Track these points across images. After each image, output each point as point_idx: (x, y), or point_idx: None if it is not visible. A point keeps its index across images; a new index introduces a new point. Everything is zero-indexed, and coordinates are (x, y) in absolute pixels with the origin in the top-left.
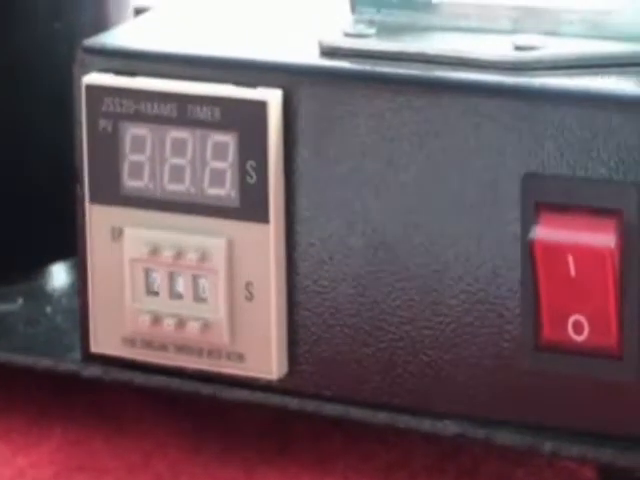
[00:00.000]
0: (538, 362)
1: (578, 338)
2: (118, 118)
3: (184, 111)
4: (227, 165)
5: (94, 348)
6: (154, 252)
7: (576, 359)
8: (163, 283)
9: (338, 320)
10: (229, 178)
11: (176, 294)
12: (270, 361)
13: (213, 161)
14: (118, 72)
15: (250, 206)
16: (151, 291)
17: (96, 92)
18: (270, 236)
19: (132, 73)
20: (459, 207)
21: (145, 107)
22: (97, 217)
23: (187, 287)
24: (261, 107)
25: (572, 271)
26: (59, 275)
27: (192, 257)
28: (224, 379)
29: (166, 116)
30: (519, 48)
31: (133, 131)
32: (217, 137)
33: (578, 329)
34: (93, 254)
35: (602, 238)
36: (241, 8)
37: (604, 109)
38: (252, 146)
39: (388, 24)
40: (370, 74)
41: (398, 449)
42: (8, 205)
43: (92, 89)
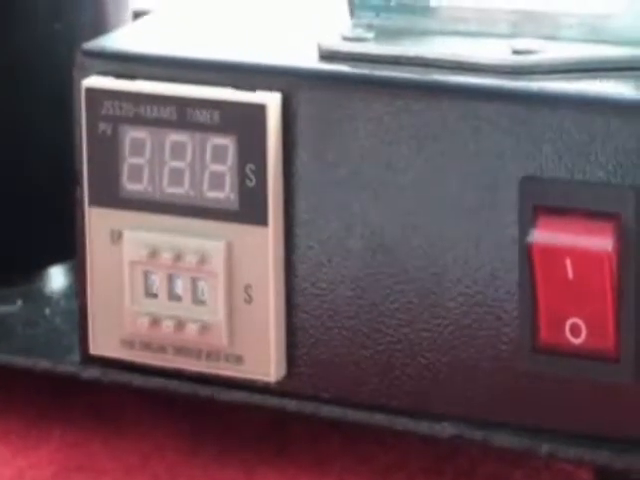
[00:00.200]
0: (536, 364)
1: (575, 341)
2: (118, 121)
3: (183, 114)
4: (226, 168)
5: (93, 350)
6: (153, 254)
7: (573, 361)
8: (162, 285)
9: (336, 322)
10: (228, 181)
11: (175, 296)
12: (268, 363)
13: (212, 164)
14: (118, 75)
15: (249, 209)
16: (150, 293)
17: (96, 95)
18: (269, 239)
19: (132, 76)
20: (457, 210)
21: (145, 110)
22: (96, 220)
23: (186, 289)
24: (260, 110)
25: (570, 274)
26: (58, 277)
27: (191, 260)
28: (222, 381)
29: (165, 119)
30: (518, 52)
31: (133, 134)
32: (216, 140)
33: (575, 332)
34: (92, 256)
35: (600, 241)
36: (240, 11)
37: (602, 113)
38: (251, 149)
39: (387, 28)
40: (369, 78)
41: (396, 451)
42: (8, 206)
43: (92, 92)
